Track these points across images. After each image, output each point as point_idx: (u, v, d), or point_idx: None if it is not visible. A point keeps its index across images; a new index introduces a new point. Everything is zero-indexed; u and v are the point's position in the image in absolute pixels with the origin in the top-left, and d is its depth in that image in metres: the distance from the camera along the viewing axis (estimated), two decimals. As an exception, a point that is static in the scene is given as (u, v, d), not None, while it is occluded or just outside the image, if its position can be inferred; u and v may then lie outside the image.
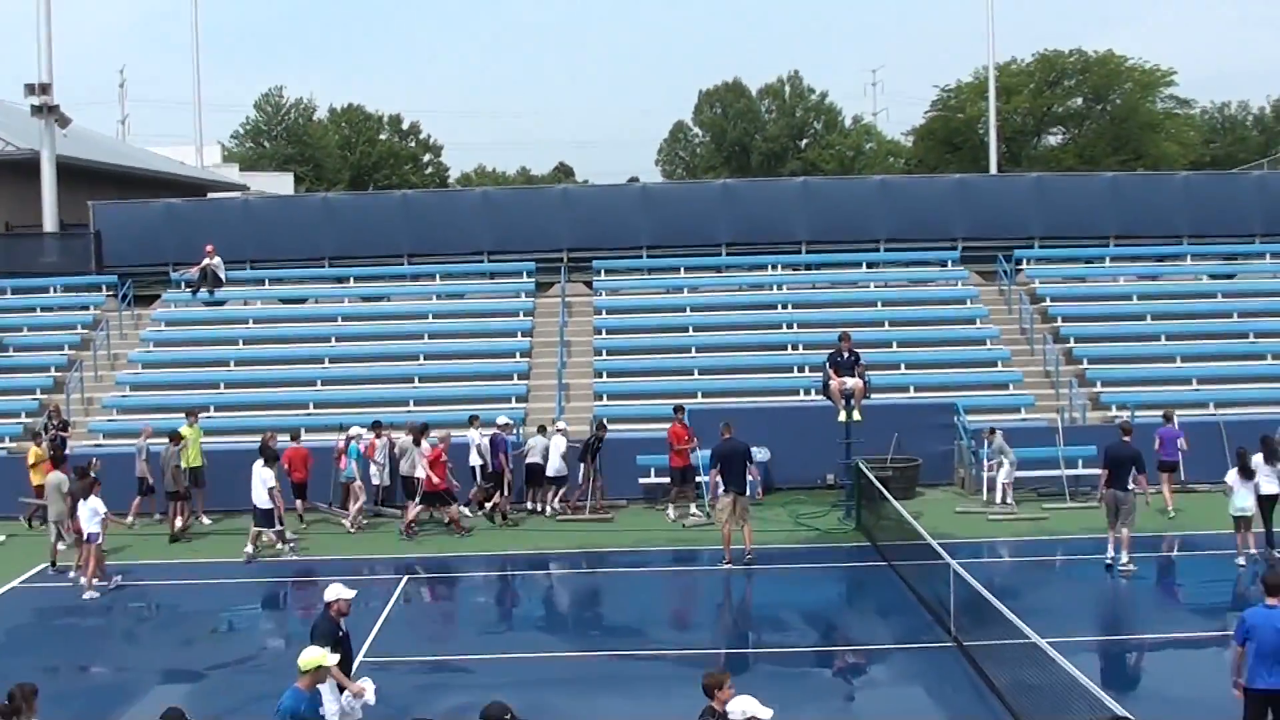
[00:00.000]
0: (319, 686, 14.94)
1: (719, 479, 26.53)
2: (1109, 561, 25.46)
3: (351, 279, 42.41)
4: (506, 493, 31.19)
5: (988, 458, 31.24)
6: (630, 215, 43.03)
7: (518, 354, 38.35)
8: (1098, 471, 29.61)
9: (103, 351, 38.80)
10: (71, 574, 26.70)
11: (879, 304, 40.26)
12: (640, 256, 42.76)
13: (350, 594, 16.25)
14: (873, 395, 31.11)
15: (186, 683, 20.41)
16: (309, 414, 35.06)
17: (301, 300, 41.98)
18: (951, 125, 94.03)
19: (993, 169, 67.17)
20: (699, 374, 36.98)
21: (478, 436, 31.23)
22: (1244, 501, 25.57)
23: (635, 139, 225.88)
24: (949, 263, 42.34)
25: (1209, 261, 43.07)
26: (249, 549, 28.09)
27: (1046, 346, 37.98)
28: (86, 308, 41.49)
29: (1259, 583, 15.53)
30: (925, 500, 31.53)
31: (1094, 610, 23.86)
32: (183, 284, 41.62)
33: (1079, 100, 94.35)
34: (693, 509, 30.64)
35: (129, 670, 21.31)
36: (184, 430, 31.03)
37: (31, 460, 31.48)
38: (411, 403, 35.52)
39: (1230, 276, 42.29)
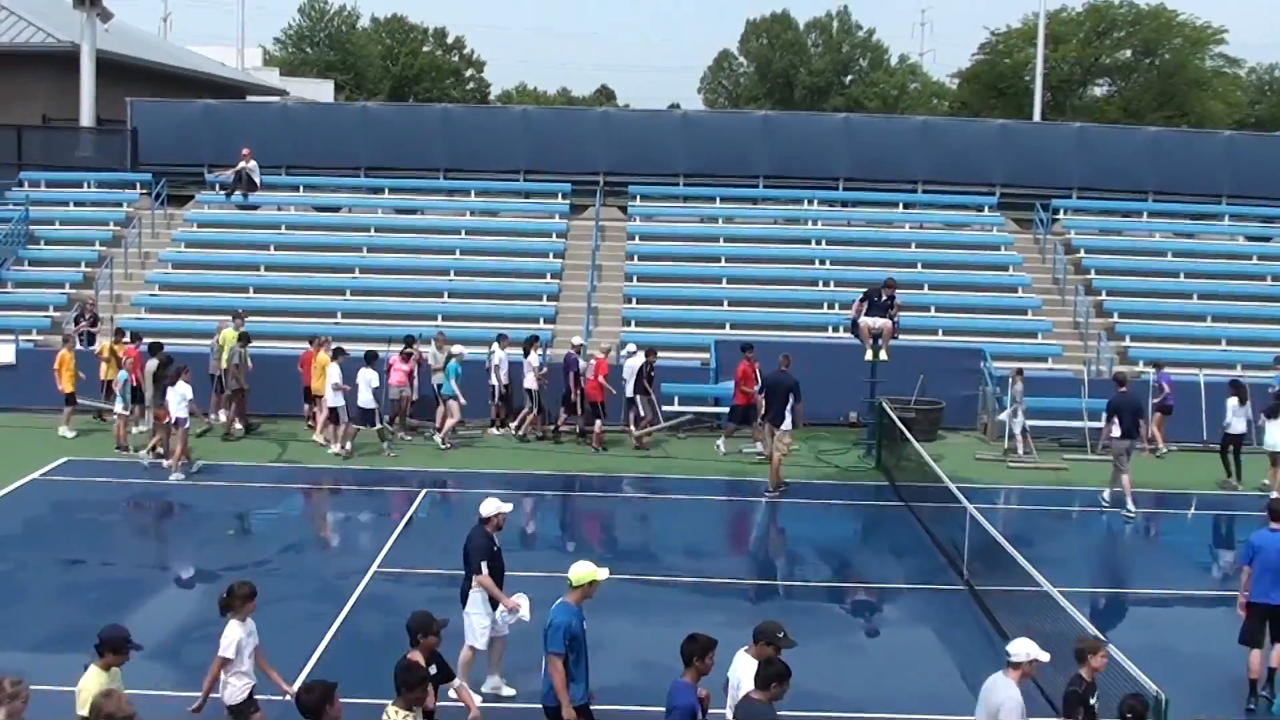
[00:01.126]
0: (473, 595, 15.33)
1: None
2: (1129, 514, 25.70)
3: (386, 190, 42.39)
4: (580, 412, 31.45)
5: (1010, 401, 31.16)
6: (669, 142, 42.87)
7: (548, 275, 38.34)
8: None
9: (134, 249, 38.90)
10: (146, 460, 27.31)
11: (913, 245, 40.13)
12: (677, 184, 42.63)
13: (507, 508, 16.09)
14: (900, 336, 31.08)
15: (202, 582, 20.58)
16: (337, 323, 35.09)
17: (335, 209, 41.95)
18: (998, 70, 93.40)
19: (1036, 116, 66.69)
20: (729, 305, 36.92)
21: (504, 356, 31.42)
22: (1272, 438, 27.39)
23: (679, 66, 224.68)
24: (986, 208, 42.18)
25: (1247, 223, 42.68)
26: (346, 447, 29.14)
27: (1078, 298, 37.83)
28: (120, 204, 41.49)
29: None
30: (946, 444, 31.52)
31: (1107, 562, 23.94)
32: (217, 186, 41.63)
33: (1127, 53, 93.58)
34: (719, 443, 30.64)
35: (142, 566, 21.51)
36: (226, 333, 31.12)
37: (102, 353, 31.23)
38: (440, 317, 35.50)
39: (1267, 239, 41.98)
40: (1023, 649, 12.04)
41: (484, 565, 15.62)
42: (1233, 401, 28.92)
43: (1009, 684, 11.94)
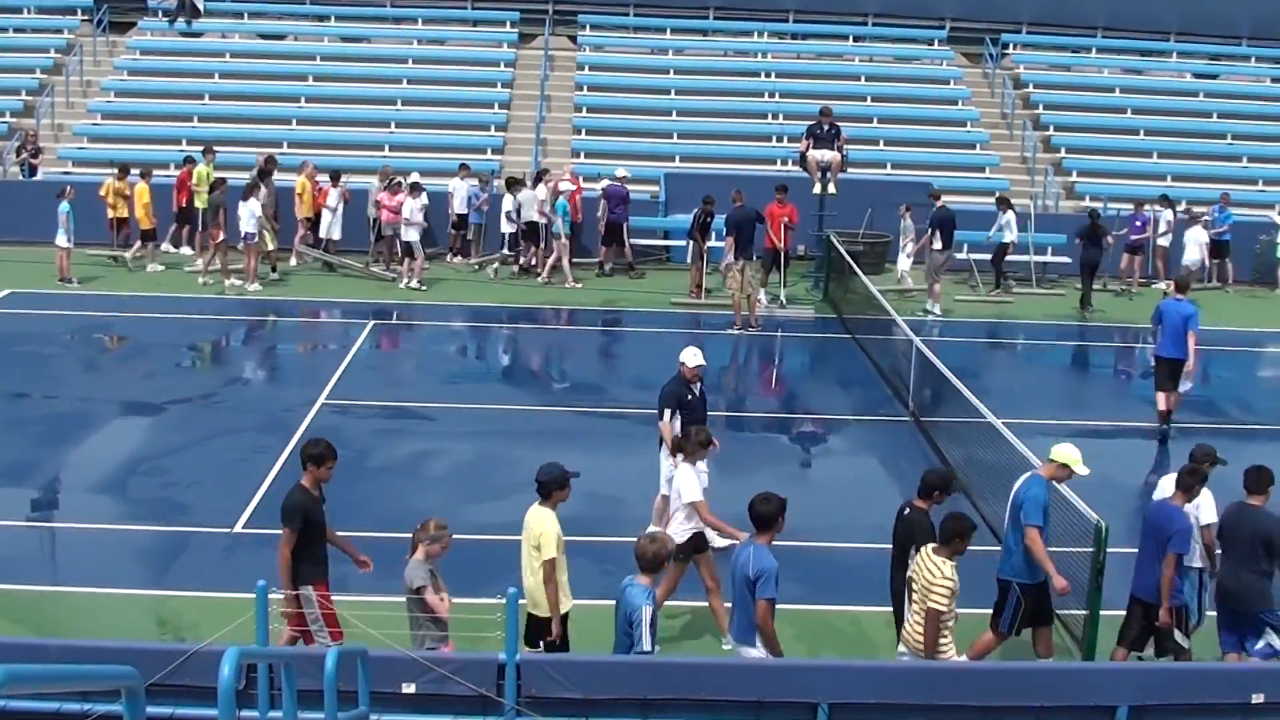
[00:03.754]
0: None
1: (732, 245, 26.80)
2: (931, 314, 28.36)
3: (332, 18, 41.60)
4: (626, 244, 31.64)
5: (902, 233, 31.02)
6: (619, -30, 42.30)
7: (496, 105, 37.94)
8: (1066, 260, 30.48)
9: (75, 77, 38.12)
10: (202, 279, 28.56)
11: (863, 79, 39.90)
12: (627, 14, 42.11)
13: (697, 359, 15.81)
14: (849, 170, 31.01)
15: (148, 415, 20.49)
16: (283, 153, 34.40)
17: (280, 37, 41.27)
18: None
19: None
20: (678, 137, 36.70)
21: (462, 186, 31.32)
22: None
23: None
24: (935, 42, 41.93)
25: (1194, 60, 42.77)
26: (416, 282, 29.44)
27: (1026, 133, 37.85)
28: (60, 31, 40.59)
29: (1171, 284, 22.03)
30: (893, 276, 31.58)
31: (1049, 393, 24.14)
32: (160, 12, 40.64)
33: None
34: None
35: (87, 399, 21.26)
36: (200, 170, 30.77)
37: (107, 194, 30.46)
38: (387, 147, 35.23)
39: (1214, 77, 42.18)
40: None
41: (666, 412, 15.46)
42: (1009, 216, 30.56)
43: None
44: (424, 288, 29.24)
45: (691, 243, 30.03)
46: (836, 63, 41.06)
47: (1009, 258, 31.37)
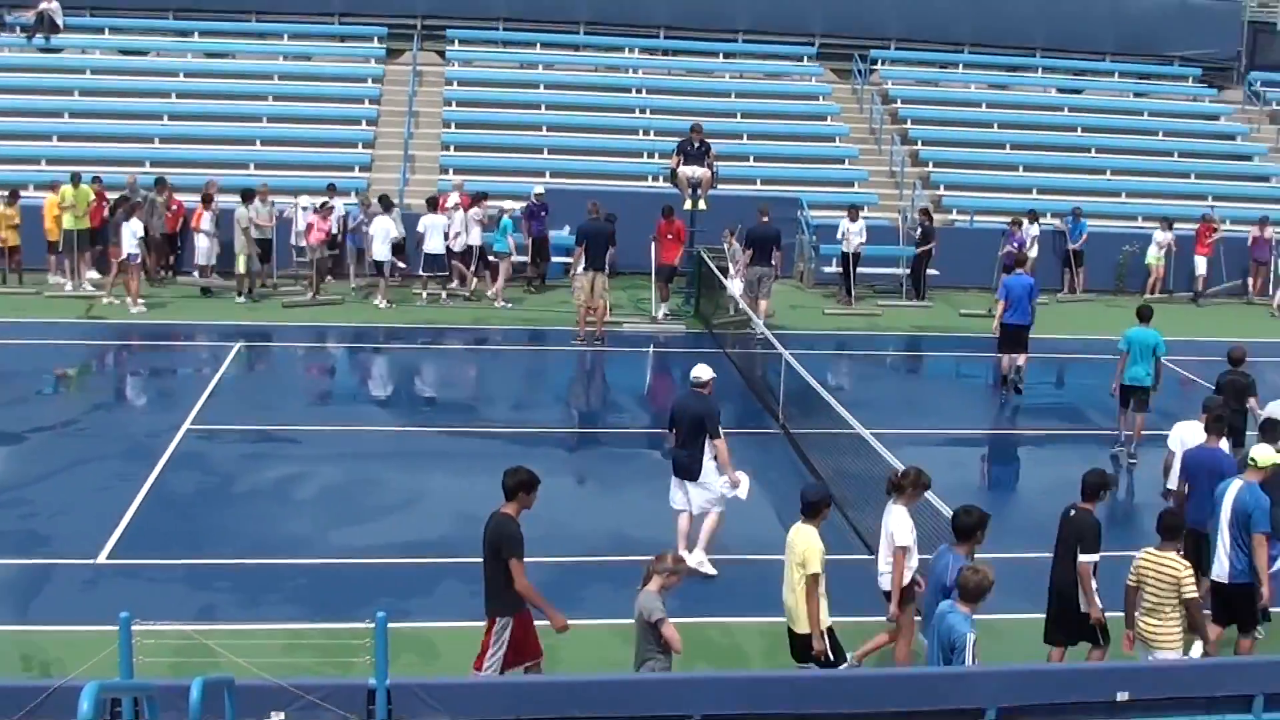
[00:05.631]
0: (708, 465, 15.29)
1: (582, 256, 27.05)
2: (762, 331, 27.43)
3: (195, 34, 40.89)
4: (541, 263, 32.17)
5: (730, 258, 30.69)
6: (488, -15, 42.11)
7: (364, 122, 37.57)
8: (934, 272, 30.75)
9: (-70, 95, 37.28)
10: (105, 299, 28.50)
11: (733, 95, 40.06)
12: (496, 29, 41.93)
13: (710, 374, 15.86)
14: (719, 186, 31.12)
15: (5, 444, 19.94)
16: (145, 171, 33.77)
17: (142, 53, 40.50)
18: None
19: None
20: (549, 153, 36.57)
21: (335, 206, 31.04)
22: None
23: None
24: (805, 58, 42.22)
25: (1059, 75, 43.52)
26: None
27: (894, 147, 38.21)
28: (-86, 48, 39.75)
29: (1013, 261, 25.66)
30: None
31: (917, 404, 24.39)
32: (17, 28, 39.94)
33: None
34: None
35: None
36: (66, 189, 30.13)
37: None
38: (252, 165, 34.65)
39: (1078, 92, 42.87)
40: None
41: (720, 430, 15.38)
42: (857, 224, 31.24)
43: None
44: (391, 306, 29.47)
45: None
46: (707, 79, 41.20)
47: (870, 269, 31.84)
